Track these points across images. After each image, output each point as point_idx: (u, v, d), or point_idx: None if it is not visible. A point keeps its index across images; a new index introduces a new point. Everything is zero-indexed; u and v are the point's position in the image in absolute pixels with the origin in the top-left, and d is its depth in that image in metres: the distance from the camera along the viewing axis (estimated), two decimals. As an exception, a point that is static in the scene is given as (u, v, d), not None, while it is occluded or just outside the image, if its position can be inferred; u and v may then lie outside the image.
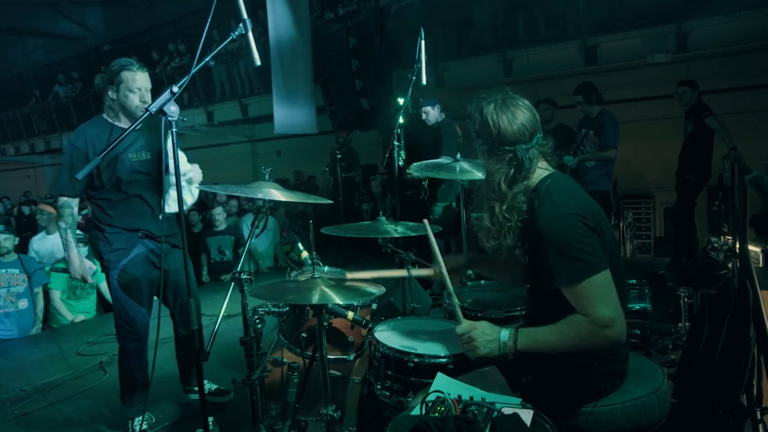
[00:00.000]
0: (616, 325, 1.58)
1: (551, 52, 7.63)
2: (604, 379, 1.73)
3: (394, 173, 3.71)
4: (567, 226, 1.61)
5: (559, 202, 1.66)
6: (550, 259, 1.62)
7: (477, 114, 1.77)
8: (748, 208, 3.28)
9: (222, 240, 6.34)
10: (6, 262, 4.80)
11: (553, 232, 1.62)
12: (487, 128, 1.73)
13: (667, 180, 5.81)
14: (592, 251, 1.60)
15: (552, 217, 1.64)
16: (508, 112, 1.73)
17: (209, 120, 11.98)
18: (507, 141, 1.72)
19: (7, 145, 17.70)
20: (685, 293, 3.69)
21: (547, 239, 1.63)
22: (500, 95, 1.76)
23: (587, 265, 1.59)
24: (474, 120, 1.78)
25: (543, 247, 1.64)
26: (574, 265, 1.59)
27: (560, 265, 1.60)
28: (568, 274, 1.60)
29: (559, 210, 1.64)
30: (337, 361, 2.46)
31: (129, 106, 2.73)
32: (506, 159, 1.74)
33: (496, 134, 1.72)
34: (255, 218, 2.33)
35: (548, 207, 1.67)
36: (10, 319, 4.81)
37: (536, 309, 1.90)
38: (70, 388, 3.68)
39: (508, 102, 1.74)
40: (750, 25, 6.12)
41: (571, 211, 1.63)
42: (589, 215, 1.65)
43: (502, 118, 1.72)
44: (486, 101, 1.76)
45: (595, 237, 1.63)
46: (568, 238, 1.60)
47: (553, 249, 1.61)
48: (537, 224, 1.67)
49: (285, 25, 8.48)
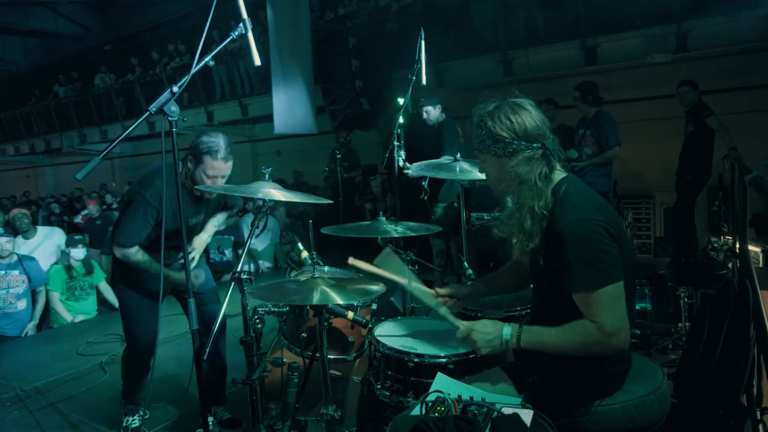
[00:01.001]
0: (622, 334, 1.58)
1: (551, 52, 7.62)
2: (609, 378, 1.73)
3: (394, 173, 3.71)
4: (589, 232, 1.59)
5: (580, 206, 1.64)
6: (569, 263, 1.60)
7: (492, 118, 1.71)
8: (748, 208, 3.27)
9: (222, 240, 6.34)
10: (6, 264, 4.81)
11: (573, 235, 1.60)
12: (511, 127, 1.68)
13: (667, 180, 5.81)
14: (611, 260, 1.59)
15: (573, 221, 1.61)
16: (524, 111, 1.71)
17: (209, 120, 11.96)
18: (533, 137, 1.69)
19: (7, 145, 17.69)
20: (685, 293, 3.70)
21: (567, 243, 1.60)
22: (508, 98, 1.75)
23: (604, 274, 1.57)
24: (488, 124, 1.71)
25: (562, 250, 1.61)
26: (591, 272, 1.57)
27: (577, 270, 1.59)
28: (585, 280, 1.58)
29: (580, 214, 1.61)
30: (337, 361, 2.46)
31: (198, 182, 2.64)
32: (537, 156, 1.70)
33: (522, 133, 1.68)
34: (255, 218, 2.33)
35: (569, 210, 1.64)
36: (9, 319, 4.81)
37: (540, 309, 1.89)
38: (70, 388, 3.69)
39: (519, 103, 1.73)
40: (750, 25, 6.12)
41: (594, 216, 1.61)
42: (612, 223, 1.63)
43: (524, 116, 1.70)
44: (497, 105, 1.73)
45: (616, 246, 1.61)
46: (589, 244, 1.59)
47: (573, 253, 1.59)
48: (557, 227, 1.64)
49: (285, 25, 8.48)
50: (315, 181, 10.64)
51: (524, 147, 1.69)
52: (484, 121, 1.73)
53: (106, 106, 14.10)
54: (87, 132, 14.75)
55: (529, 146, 1.69)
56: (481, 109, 1.76)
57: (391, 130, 3.72)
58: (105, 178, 15.08)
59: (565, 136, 5.47)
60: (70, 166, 16.82)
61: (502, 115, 1.70)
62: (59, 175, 18.24)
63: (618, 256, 1.61)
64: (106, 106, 14.07)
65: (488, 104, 1.76)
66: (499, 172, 1.76)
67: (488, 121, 1.72)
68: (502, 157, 1.72)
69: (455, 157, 3.21)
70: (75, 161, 16.11)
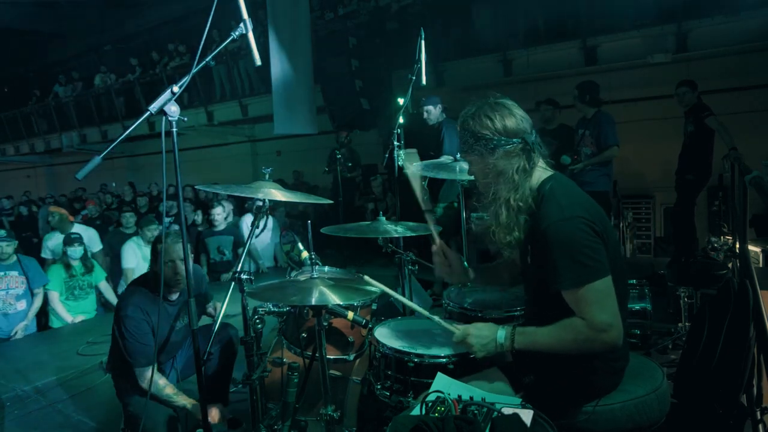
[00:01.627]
0: (613, 330, 1.59)
1: (551, 52, 7.62)
2: (606, 377, 1.74)
3: (394, 173, 3.71)
4: (573, 229, 1.61)
5: (565, 204, 1.66)
6: (555, 261, 1.62)
7: (473, 118, 1.76)
8: (748, 208, 3.27)
9: (221, 240, 6.33)
10: (5, 265, 4.82)
11: (558, 234, 1.62)
12: (491, 125, 1.73)
13: (667, 180, 5.80)
14: (597, 256, 1.60)
15: (558, 219, 1.63)
16: (503, 108, 1.76)
17: (209, 120, 11.96)
18: (512, 132, 1.73)
19: (7, 145, 17.67)
20: (685, 293, 3.70)
21: (552, 241, 1.62)
22: (488, 99, 1.79)
23: (590, 270, 1.59)
24: (470, 125, 1.76)
25: (547, 249, 1.64)
26: (577, 269, 1.59)
27: (563, 267, 1.61)
28: (571, 277, 1.60)
29: (566, 212, 1.64)
30: (337, 361, 2.46)
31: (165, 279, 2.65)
32: (516, 151, 1.73)
33: (501, 128, 1.73)
34: (255, 218, 2.33)
35: (554, 208, 1.66)
36: (8, 319, 4.81)
37: (535, 309, 1.91)
38: (70, 388, 3.68)
39: (499, 101, 1.78)
40: (750, 25, 6.12)
41: (578, 214, 1.63)
42: (597, 220, 1.65)
43: (502, 112, 1.74)
44: (477, 106, 1.78)
45: (600, 242, 1.63)
46: (573, 241, 1.60)
47: (558, 251, 1.61)
48: (542, 225, 1.66)
49: (285, 25, 8.47)
50: (315, 181, 10.64)
51: (504, 142, 1.73)
52: (466, 122, 1.79)
53: (106, 106, 14.10)
54: (87, 132, 14.75)
55: (509, 141, 1.73)
56: (464, 113, 1.81)
57: (391, 130, 3.72)
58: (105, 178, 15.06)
59: (565, 136, 5.47)
60: (70, 166, 16.82)
61: (482, 114, 1.75)
62: (59, 175, 18.24)
63: (603, 252, 1.63)
64: (106, 106, 14.07)
65: (470, 108, 1.80)
66: (483, 170, 1.80)
67: (470, 121, 1.77)
68: (485, 154, 1.76)
69: (455, 157, 3.22)
70: (75, 161, 16.11)
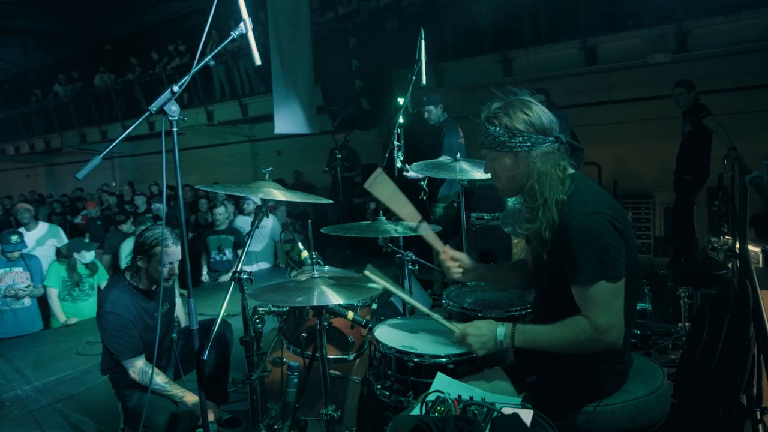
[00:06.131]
0: (615, 331, 1.58)
1: (551, 52, 7.61)
2: (609, 379, 1.73)
3: (394, 173, 3.71)
4: (596, 224, 1.59)
5: (588, 200, 1.64)
6: (575, 253, 1.59)
7: (507, 115, 1.69)
8: (748, 208, 3.27)
9: (222, 239, 6.34)
10: (10, 262, 4.86)
11: (581, 226, 1.60)
12: (529, 123, 1.68)
13: (667, 180, 5.81)
14: (616, 254, 1.59)
15: (581, 213, 1.61)
16: (535, 106, 1.71)
17: (209, 120, 11.96)
18: (549, 131, 1.70)
19: (7, 145, 17.68)
20: (685, 293, 3.69)
21: (573, 233, 1.60)
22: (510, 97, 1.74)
23: (608, 267, 1.57)
24: (504, 122, 1.69)
25: (569, 241, 1.61)
26: (595, 264, 1.57)
27: (582, 261, 1.58)
28: (589, 272, 1.58)
29: (589, 207, 1.62)
30: (337, 361, 2.46)
31: (156, 277, 2.70)
32: (554, 149, 1.70)
33: (540, 127, 1.68)
34: (255, 218, 2.33)
35: (577, 204, 1.64)
36: (16, 315, 4.86)
37: (544, 307, 1.89)
38: (70, 388, 3.68)
39: (527, 99, 1.73)
40: (750, 25, 6.11)
41: (602, 210, 1.61)
42: (619, 219, 1.63)
43: (537, 111, 1.70)
44: (507, 102, 1.72)
45: (621, 241, 1.61)
46: (594, 235, 1.59)
47: (578, 244, 1.59)
48: (564, 219, 1.64)
49: (285, 25, 8.47)
50: (315, 180, 10.64)
51: (542, 141, 1.69)
52: (497, 117, 1.71)
53: (106, 106, 14.09)
54: (87, 132, 14.75)
55: (546, 140, 1.69)
56: (490, 107, 1.74)
57: (391, 130, 3.72)
58: (105, 177, 15.06)
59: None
60: (70, 166, 16.82)
61: (517, 111, 1.69)
62: (59, 175, 18.24)
63: (623, 252, 1.61)
64: (106, 106, 14.06)
65: (494, 102, 1.74)
66: (514, 169, 1.73)
67: (503, 117, 1.70)
68: (520, 153, 1.70)
69: (455, 157, 3.21)
70: (75, 161, 16.11)
